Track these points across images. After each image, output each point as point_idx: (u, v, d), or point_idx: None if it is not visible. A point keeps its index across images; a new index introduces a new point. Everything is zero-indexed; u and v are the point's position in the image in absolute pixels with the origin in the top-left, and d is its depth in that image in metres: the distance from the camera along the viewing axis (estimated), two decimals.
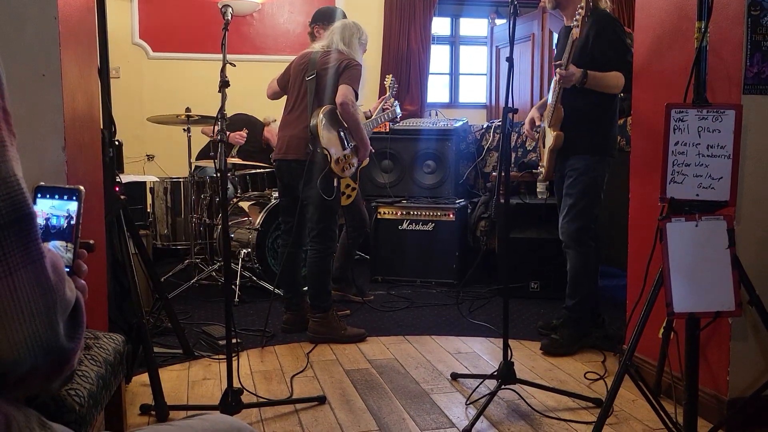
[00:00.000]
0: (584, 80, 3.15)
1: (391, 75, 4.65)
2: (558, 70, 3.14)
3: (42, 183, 1.01)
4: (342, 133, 3.60)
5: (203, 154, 5.33)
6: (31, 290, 0.79)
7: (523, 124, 3.70)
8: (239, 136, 5.25)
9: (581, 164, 3.33)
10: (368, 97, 6.38)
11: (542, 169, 3.51)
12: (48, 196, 1.01)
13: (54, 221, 1.01)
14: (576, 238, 3.35)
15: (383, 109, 4.45)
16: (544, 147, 3.52)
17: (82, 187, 1.01)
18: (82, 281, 0.97)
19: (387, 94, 4.51)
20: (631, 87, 3.18)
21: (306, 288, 3.80)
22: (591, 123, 3.31)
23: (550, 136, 3.36)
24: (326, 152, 3.49)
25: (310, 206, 3.60)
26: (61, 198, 1.01)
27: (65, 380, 0.89)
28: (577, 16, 2.98)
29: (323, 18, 4.08)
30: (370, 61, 6.63)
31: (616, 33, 3.25)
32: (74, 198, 1.01)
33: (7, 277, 0.77)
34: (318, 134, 3.47)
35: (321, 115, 3.51)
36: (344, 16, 4.14)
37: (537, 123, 3.56)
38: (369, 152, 3.76)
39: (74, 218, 1.01)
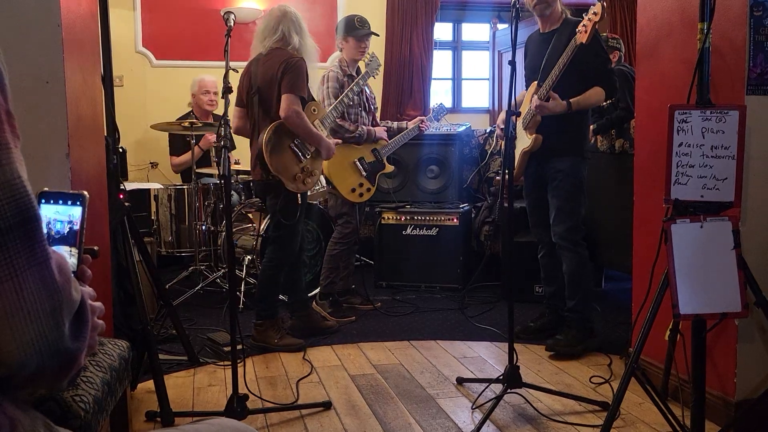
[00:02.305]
0: (569, 110, 3.23)
1: (440, 102, 4.82)
2: (534, 98, 3.21)
3: (46, 188, 1.01)
4: (295, 146, 3.44)
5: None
6: (37, 291, 0.79)
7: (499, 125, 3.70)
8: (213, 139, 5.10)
9: (565, 165, 3.35)
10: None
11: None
12: (52, 201, 1.01)
13: (58, 226, 1.01)
14: (569, 239, 3.37)
15: (419, 128, 4.51)
16: (514, 148, 3.52)
17: (86, 193, 1.01)
18: (88, 287, 0.97)
19: (429, 115, 4.60)
20: (612, 95, 3.36)
21: (311, 293, 3.80)
22: (570, 126, 3.35)
23: (527, 139, 3.37)
24: (278, 178, 3.38)
25: (271, 216, 3.62)
26: (65, 203, 1.01)
27: (73, 379, 0.89)
28: (587, 22, 2.93)
29: (339, 29, 4.16)
30: None
31: (599, 44, 3.30)
32: (78, 203, 1.01)
33: (13, 278, 0.78)
34: (266, 161, 3.34)
35: (267, 137, 3.35)
36: (355, 21, 4.14)
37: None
38: (332, 151, 3.60)
39: (78, 223, 1.00)
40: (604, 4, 2.88)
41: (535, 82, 3.36)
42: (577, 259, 3.38)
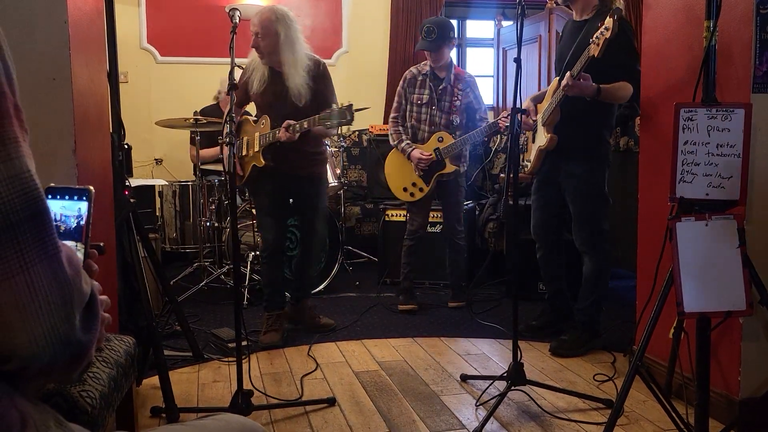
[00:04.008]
0: (597, 96, 3.10)
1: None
2: (567, 74, 3.06)
3: (52, 184, 1.02)
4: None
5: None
6: (48, 284, 0.80)
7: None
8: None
9: (578, 170, 3.31)
10: (375, 100, 6.40)
11: (528, 164, 3.50)
12: (58, 196, 1.02)
13: (64, 221, 1.01)
14: (590, 244, 3.35)
15: (497, 123, 4.16)
16: (533, 142, 3.50)
17: (91, 187, 1.02)
18: (95, 282, 0.97)
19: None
20: (636, 95, 3.20)
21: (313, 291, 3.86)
22: (588, 129, 3.30)
23: (544, 136, 3.34)
24: None
25: None
26: (71, 198, 1.02)
27: (83, 371, 0.90)
28: (600, 36, 2.86)
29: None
30: (377, 64, 6.64)
31: (629, 40, 3.18)
32: (84, 198, 1.01)
33: (25, 272, 0.78)
34: None
35: None
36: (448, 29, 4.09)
37: (532, 116, 3.46)
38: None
39: (84, 218, 1.01)
40: (616, 18, 2.79)
41: (557, 78, 3.30)
42: (596, 264, 3.36)
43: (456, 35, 4.24)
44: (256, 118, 3.67)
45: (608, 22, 2.79)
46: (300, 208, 3.74)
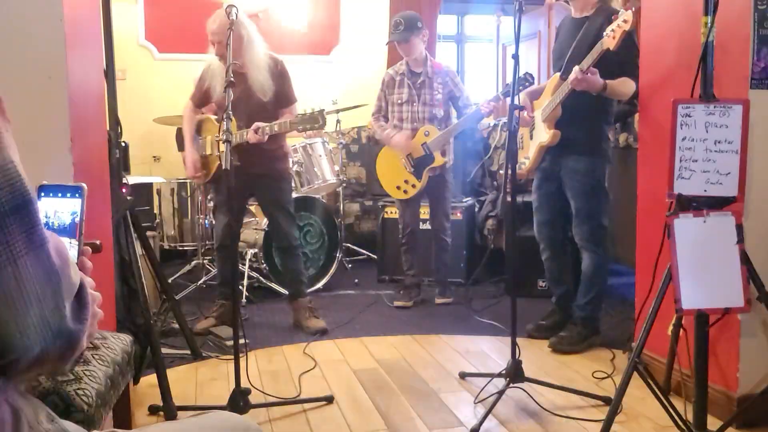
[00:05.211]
0: (603, 91, 3.10)
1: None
2: (576, 69, 3.04)
3: (44, 182, 1.01)
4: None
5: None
6: (36, 275, 0.79)
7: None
8: None
9: (580, 165, 3.30)
10: (373, 97, 6.37)
11: (526, 161, 3.48)
12: (51, 194, 1.01)
13: (58, 219, 1.01)
14: (590, 239, 3.34)
15: (479, 110, 4.15)
16: (531, 139, 3.48)
17: (84, 184, 1.01)
18: (89, 278, 0.97)
19: (497, 93, 4.12)
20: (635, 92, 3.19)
21: (312, 288, 3.86)
22: (589, 124, 3.28)
23: (545, 133, 3.32)
24: None
25: None
26: (64, 195, 1.01)
27: (75, 362, 0.89)
28: (617, 28, 2.83)
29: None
30: (375, 60, 6.62)
31: (630, 36, 3.17)
32: (77, 195, 1.01)
33: (12, 264, 0.78)
34: None
35: None
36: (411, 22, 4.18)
37: (529, 112, 3.42)
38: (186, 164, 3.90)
39: (78, 215, 1.01)
40: (634, 9, 2.77)
41: (557, 74, 3.29)
42: (596, 260, 3.35)
43: (423, 26, 4.23)
44: (218, 118, 3.77)
45: (627, 14, 2.79)
46: (262, 205, 3.90)
